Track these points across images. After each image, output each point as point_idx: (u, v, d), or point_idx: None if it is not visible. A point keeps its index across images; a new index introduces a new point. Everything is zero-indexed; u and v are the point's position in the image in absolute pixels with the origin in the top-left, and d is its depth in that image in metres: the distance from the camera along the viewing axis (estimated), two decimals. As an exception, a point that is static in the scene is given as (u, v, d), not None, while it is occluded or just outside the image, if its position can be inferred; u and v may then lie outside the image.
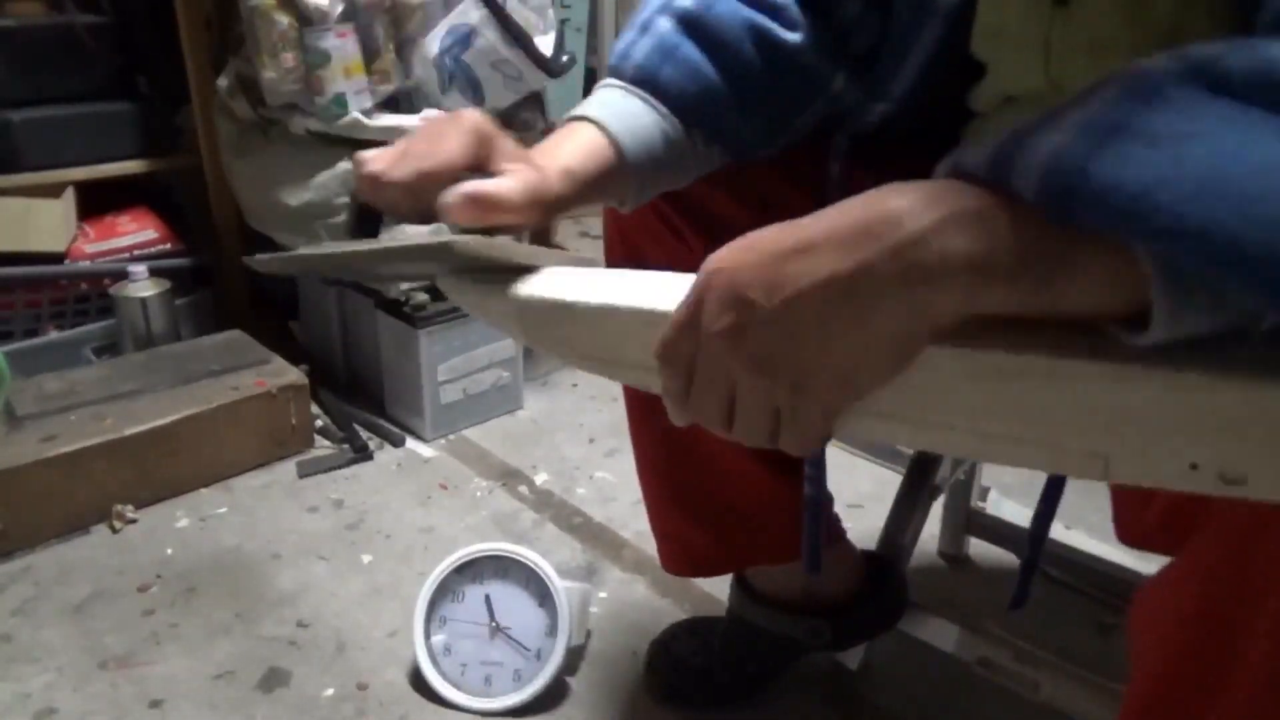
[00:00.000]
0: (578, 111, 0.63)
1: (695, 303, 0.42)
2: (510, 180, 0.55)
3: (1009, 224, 0.36)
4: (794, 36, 0.66)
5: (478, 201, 0.53)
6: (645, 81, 0.64)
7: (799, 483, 0.86)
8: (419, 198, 0.55)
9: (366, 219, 0.61)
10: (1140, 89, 0.34)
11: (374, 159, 0.55)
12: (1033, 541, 0.66)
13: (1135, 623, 0.51)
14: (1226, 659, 0.43)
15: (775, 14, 0.66)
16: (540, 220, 0.57)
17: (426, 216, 0.56)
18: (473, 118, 0.56)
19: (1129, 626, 0.52)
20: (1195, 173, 0.32)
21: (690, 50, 0.64)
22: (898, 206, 0.37)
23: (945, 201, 0.37)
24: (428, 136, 0.56)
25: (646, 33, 0.65)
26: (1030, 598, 0.75)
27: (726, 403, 0.43)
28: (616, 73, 0.65)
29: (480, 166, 0.56)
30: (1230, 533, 0.42)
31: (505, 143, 0.57)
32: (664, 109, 0.63)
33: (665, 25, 0.65)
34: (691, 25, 0.64)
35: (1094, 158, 0.33)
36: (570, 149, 0.60)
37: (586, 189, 0.60)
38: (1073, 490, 0.65)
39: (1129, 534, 0.53)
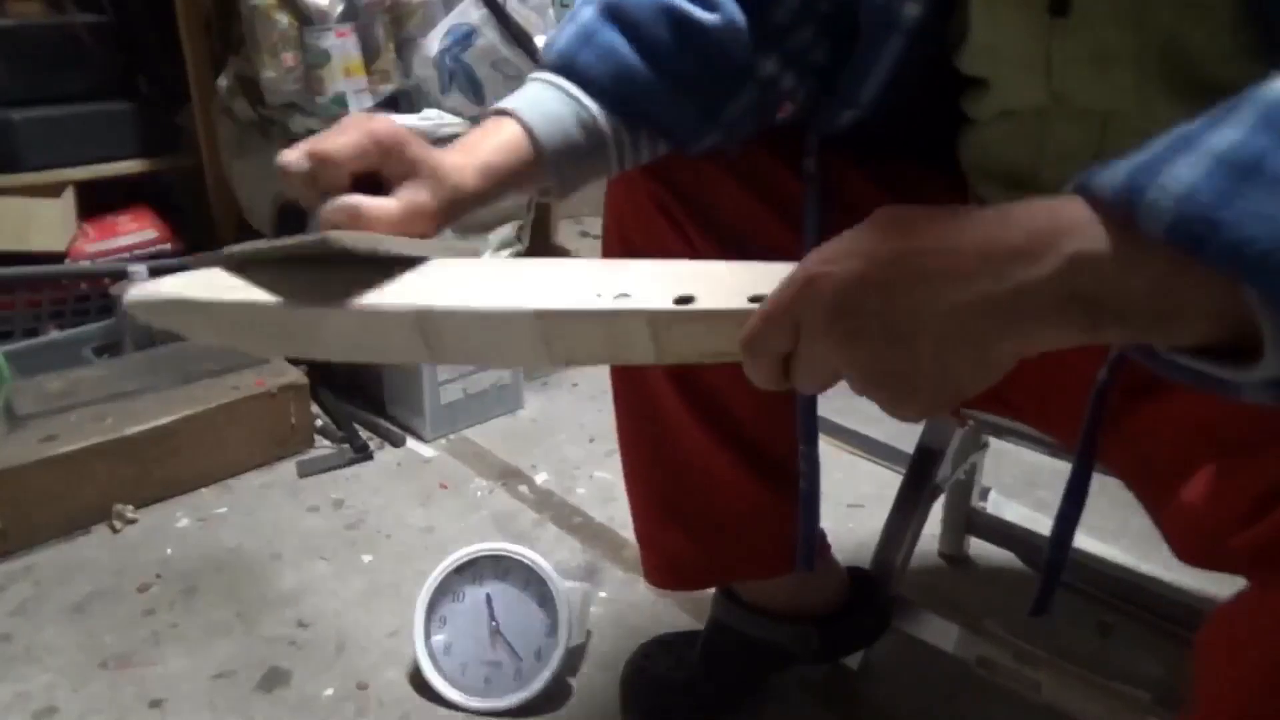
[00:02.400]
0: (499, 104, 0.64)
1: (791, 300, 0.42)
2: (390, 202, 0.56)
3: (1135, 270, 0.36)
4: (711, 17, 0.66)
5: (353, 214, 0.54)
6: (564, 67, 0.65)
7: (790, 495, 0.85)
8: (314, 189, 0.56)
9: (287, 215, 0.62)
10: (1272, 120, 0.34)
11: (286, 152, 0.56)
12: (1056, 544, 0.65)
13: (1208, 647, 0.49)
14: None
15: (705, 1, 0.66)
16: (446, 223, 0.59)
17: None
18: (378, 123, 0.57)
19: (1198, 649, 0.50)
20: None
21: (609, 34, 0.65)
22: (1020, 240, 0.37)
23: (1069, 240, 0.37)
24: (336, 128, 0.57)
25: (572, 21, 0.66)
26: (1023, 594, 0.74)
27: (830, 378, 0.44)
28: (541, 63, 0.66)
29: (382, 170, 0.57)
30: None
31: (415, 150, 0.57)
32: (583, 96, 0.64)
33: (588, 13, 0.66)
34: (612, 10, 0.65)
35: (1226, 207, 0.33)
36: (490, 144, 0.62)
37: (502, 183, 0.61)
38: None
39: (1198, 554, 0.51)
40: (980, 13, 0.61)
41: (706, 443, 0.80)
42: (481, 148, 0.61)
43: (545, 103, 0.64)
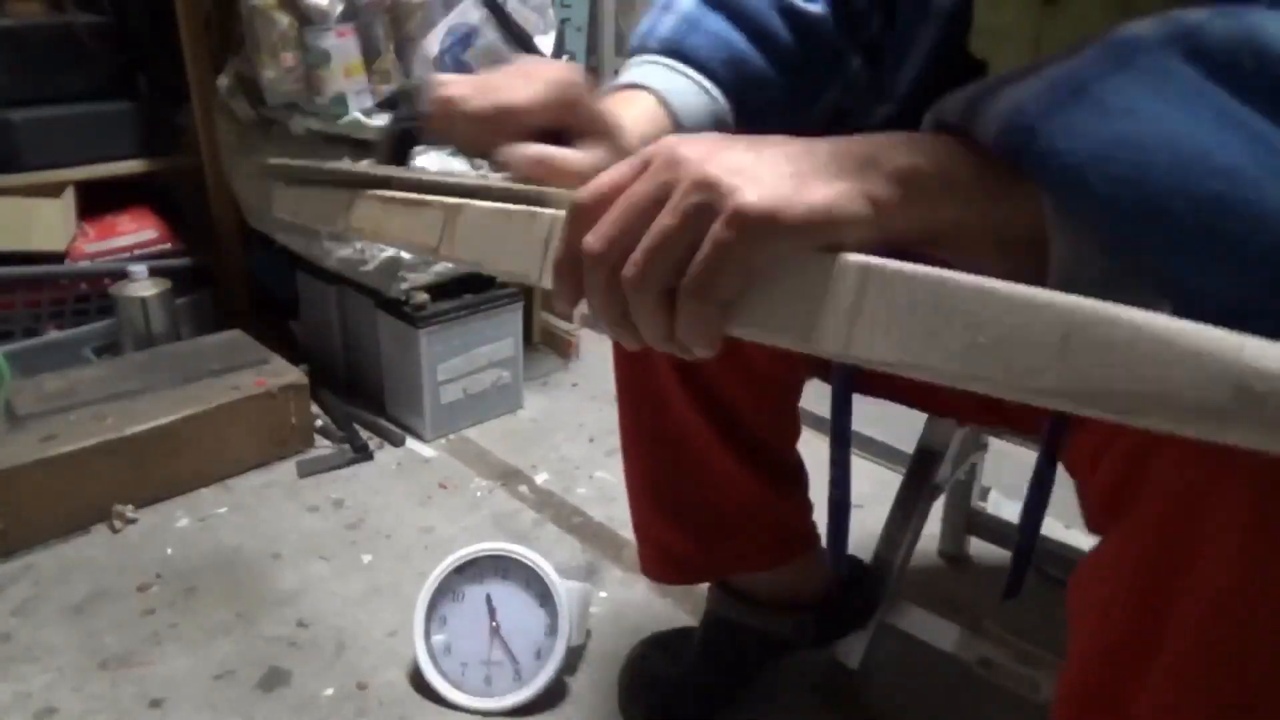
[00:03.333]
0: (634, 80, 0.61)
1: (629, 174, 0.39)
2: (584, 155, 0.53)
3: (962, 153, 0.38)
4: (815, 8, 0.66)
5: (544, 165, 0.52)
6: (672, 51, 0.63)
7: (787, 490, 0.88)
8: (488, 135, 0.53)
9: (401, 145, 0.59)
10: (1114, 52, 0.35)
11: (453, 83, 0.54)
12: (1024, 530, 0.66)
13: (1072, 603, 0.52)
14: (1157, 635, 0.44)
15: None
16: None
17: (486, 154, 0.54)
18: (563, 71, 0.54)
19: (1066, 607, 0.53)
20: (1130, 156, 0.33)
21: (715, 21, 0.64)
22: (854, 143, 0.39)
23: (906, 134, 0.40)
24: (514, 74, 0.55)
25: (668, 11, 0.65)
26: (1024, 588, 0.75)
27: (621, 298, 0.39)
28: (641, 50, 0.64)
29: (561, 124, 0.54)
30: (1161, 510, 0.43)
31: (593, 108, 0.55)
32: (711, 86, 0.62)
33: (687, 2, 0.65)
34: (716, 1, 0.65)
35: (1046, 119, 0.35)
36: (638, 115, 0.59)
37: None
38: (1073, 489, 0.65)
39: (1094, 520, 0.53)
40: None
41: (710, 437, 0.81)
42: (631, 118, 0.58)
43: (680, 87, 0.61)
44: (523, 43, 1.44)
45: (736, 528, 0.87)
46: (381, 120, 1.37)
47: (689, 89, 0.62)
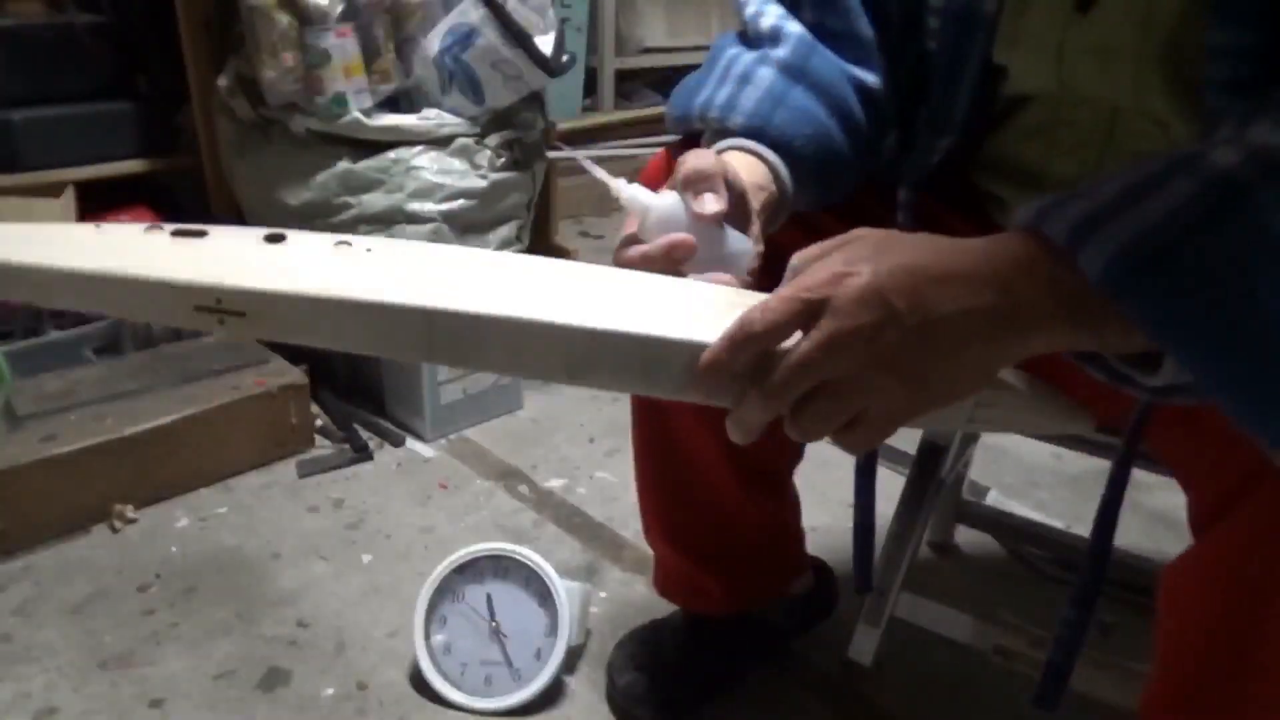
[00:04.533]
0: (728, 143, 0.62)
1: (823, 283, 0.43)
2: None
3: (1083, 289, 0.42)
4: (876, 81, 0.67)
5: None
6: (756, 130, 0.62)
7: (789, 518, 0.96)
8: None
9: None
10: (1213, 192, 0.39)
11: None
12: (1096, 542, 0.63)
13: (1166, 600, 0.53)
14: (1270, 638, 0.44)
15: (862, 61, 0.66)
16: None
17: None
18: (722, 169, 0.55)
19: (1158, 604, 0.53)
20: (1225, 331, 0.38)
21: (800, 95, 0.64)
22: (1009, 261, 0.43)
23: (1043, 265, 0.43)
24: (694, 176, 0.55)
25: (748, 83, 0.64)
26: (1030, 584, 0.74)
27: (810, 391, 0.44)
28: (721, 122, 0.63)
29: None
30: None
31: (747, 202, 0.57)
32: (783, 171, 0.62)
33: (768, 75, 0.64)
34: (797, 73, 0.64)
35: (1132, 288, 0.39)
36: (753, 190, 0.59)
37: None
38: (1073, 489, 0.64)
39: (1201, 520, 0.53)
40: (1013, 1, 0.62)
41: (718, 464, 0.83)
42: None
43: (760, 178, 0.61)
44: (522, 42, 1.44)
45: (754, 560, 0.91)
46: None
47: (765, 176, 0.61)
